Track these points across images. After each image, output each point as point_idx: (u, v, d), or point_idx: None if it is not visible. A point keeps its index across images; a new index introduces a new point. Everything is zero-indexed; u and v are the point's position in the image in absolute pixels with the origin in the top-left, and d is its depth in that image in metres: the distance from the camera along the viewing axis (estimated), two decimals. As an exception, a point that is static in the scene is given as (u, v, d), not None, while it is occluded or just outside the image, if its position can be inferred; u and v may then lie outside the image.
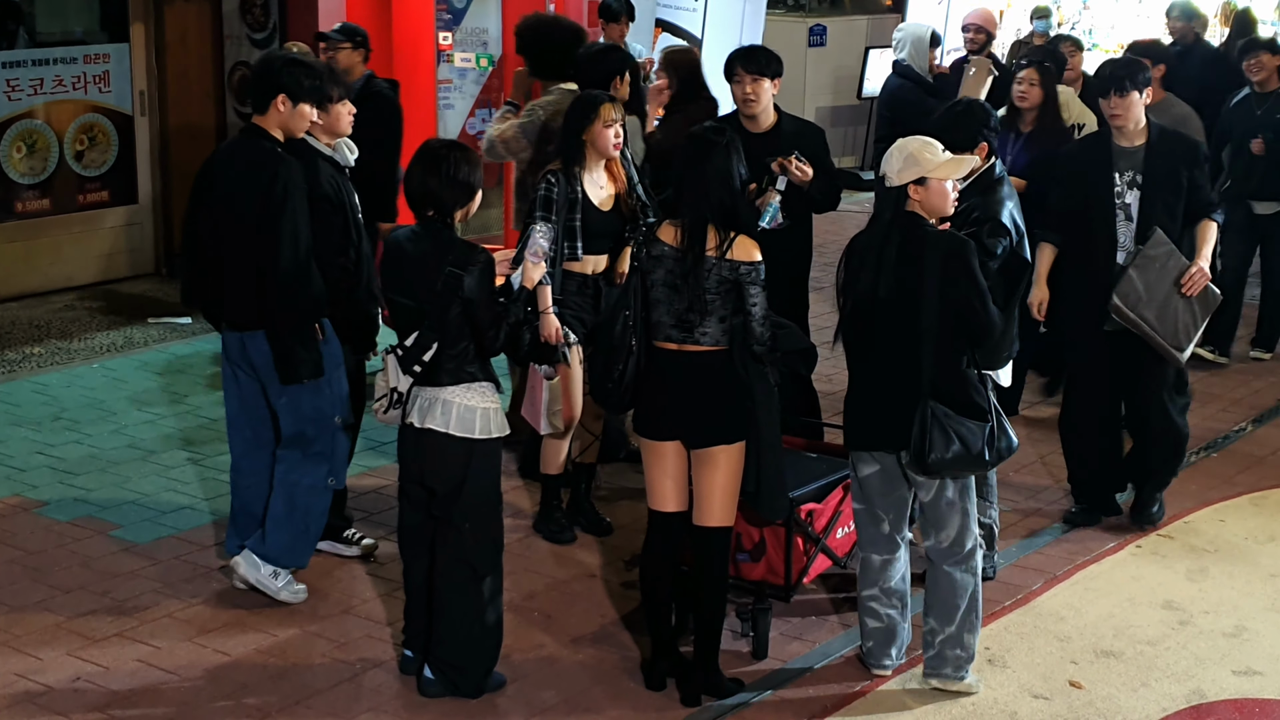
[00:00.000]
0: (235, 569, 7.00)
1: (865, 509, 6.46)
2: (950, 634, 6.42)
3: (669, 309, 6.09)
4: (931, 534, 6.45)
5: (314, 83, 6.81)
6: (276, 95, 6.74)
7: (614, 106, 7.39)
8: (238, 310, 6.86)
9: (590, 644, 6.82)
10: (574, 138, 7.37)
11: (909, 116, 10.73)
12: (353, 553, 7.46)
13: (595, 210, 7.43)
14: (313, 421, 6.87)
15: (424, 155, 6.14)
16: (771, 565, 6.72)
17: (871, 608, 6.51)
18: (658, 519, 6.32)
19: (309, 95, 6.79)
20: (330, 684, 6.43)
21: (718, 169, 6.05)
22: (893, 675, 6.57)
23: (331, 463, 6.97)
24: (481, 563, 6.19)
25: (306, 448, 6.90)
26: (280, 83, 6.75)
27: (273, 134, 6.77)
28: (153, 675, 6.44)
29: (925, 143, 6.24)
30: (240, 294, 6.80)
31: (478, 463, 6.11)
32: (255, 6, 12.23)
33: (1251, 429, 9.87)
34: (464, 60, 13.36)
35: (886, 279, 6.12)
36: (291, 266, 6.61)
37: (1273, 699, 6.57)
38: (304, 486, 6.92)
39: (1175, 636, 7.06)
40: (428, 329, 6.02)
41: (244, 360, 6.89)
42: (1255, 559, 7.91)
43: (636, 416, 6.31)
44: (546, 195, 7.31)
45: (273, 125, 6.78)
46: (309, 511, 6.96)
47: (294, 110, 6.76)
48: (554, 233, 7.25)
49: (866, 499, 6.44)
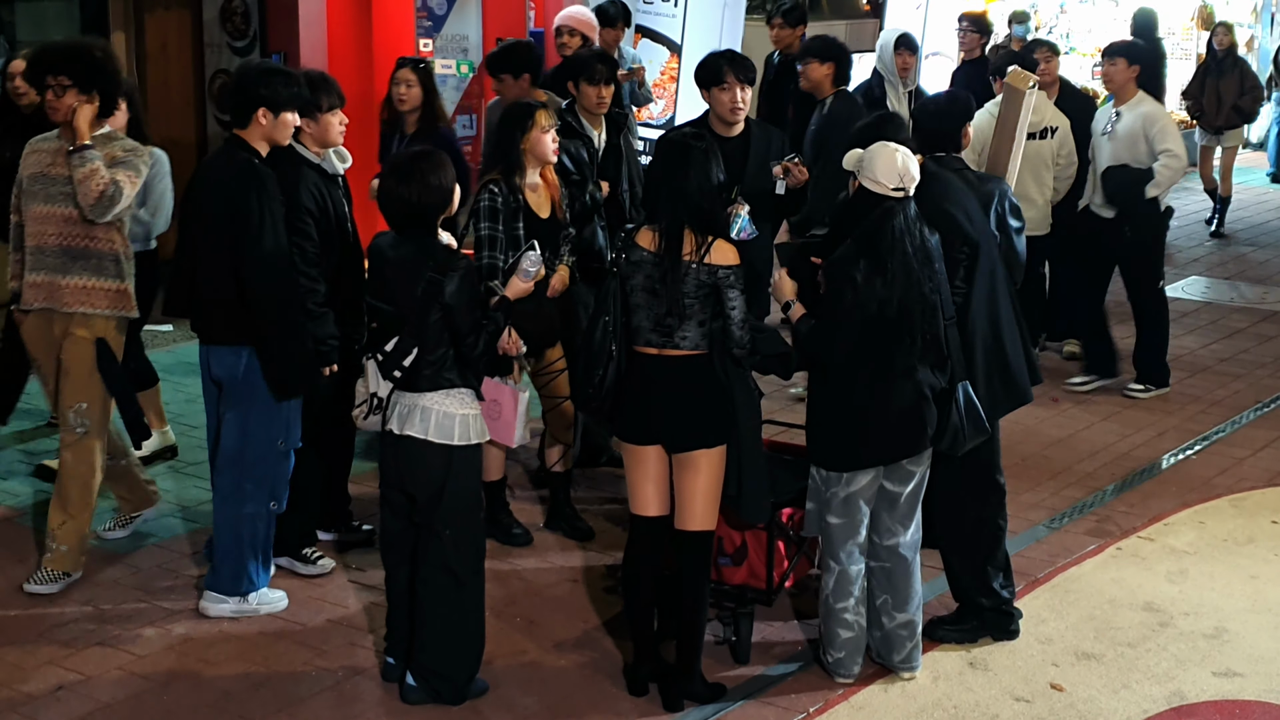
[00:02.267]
0: (205, 613, 7.00)
1: (845, 522, 6.44)
2: (919, 620, 6.57)
3: (648, 313, 6.10)
4: (899, 529, 6.50)
5: (293, 90, 6.80)
6: (257, 108, 6.72)
7: (548, 113, 7.42)
8: (204, 323, 6.88)
9: (572, 649, 6.83)
10: (512, 145, 7.38)
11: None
12: (310, 571, 7.42)
13: (536, 218, 7.40)
14: (256, 442, 6.82)
15: (393, 168, 6.16)
16: (753, 569, 6.73)
17: (845, 619, 6.51)
18: (640, 523, 6.33)
19: (289, 104, 6.77)
20: (313, 692, 6.42)
21: (695, 174, 6.06)
22: (874, 679, 6.58)
23: (273, 486, 6.93)
24: (463, 569, 6.20)
25: (244, 472, 6.85)
26: (259, 95, 6.72)
27: (255, 146, 6.75)
28: (134, 684, 6.43)
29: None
30: (207, 307, 6.81)
31: (457, 469, 6.12)
32: (236, 15, 12.23)
33: (1230, 431, 9.90)
34: (444, 67, 13.35)
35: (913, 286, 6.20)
36: (269, 282, 6.59)
37: (1253, 700, 6.59)
38: (246, 515, 6.90)
39: (1156, 638, 7.08)
40: (407, 335, 6.03)
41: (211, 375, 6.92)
42: (1235, 560, 7.94)
43: (618, 421, 6.32)
44: (491, 205, 7.28)
45: (256, 138, 6.76)
46: (254, 538, 6.93)
47: (276, 121, 6.74)
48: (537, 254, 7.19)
49: (849, 512, 6.43)
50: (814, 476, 6.50)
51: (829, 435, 6.38)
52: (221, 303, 6.71)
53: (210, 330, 6.85)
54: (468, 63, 13.34)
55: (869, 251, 6.14)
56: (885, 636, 6.62)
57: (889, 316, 6.13)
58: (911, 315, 6.17)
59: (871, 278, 6.10)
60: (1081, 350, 10.99)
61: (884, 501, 6.48)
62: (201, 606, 7.02)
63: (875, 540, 6.53)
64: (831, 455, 6.40)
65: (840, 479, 6.39)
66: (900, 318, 6.14)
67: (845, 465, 6.37)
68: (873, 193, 6.21)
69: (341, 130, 7.14)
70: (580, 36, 10.29)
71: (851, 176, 6.34)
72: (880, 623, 6.61)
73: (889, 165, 6.18)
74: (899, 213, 6.18)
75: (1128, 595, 7.50)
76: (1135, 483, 8.96)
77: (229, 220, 6.60)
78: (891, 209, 6.18)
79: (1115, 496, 8.73)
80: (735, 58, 7.99)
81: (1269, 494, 8.85)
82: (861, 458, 6.35)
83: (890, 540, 6.53)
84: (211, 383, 6.94)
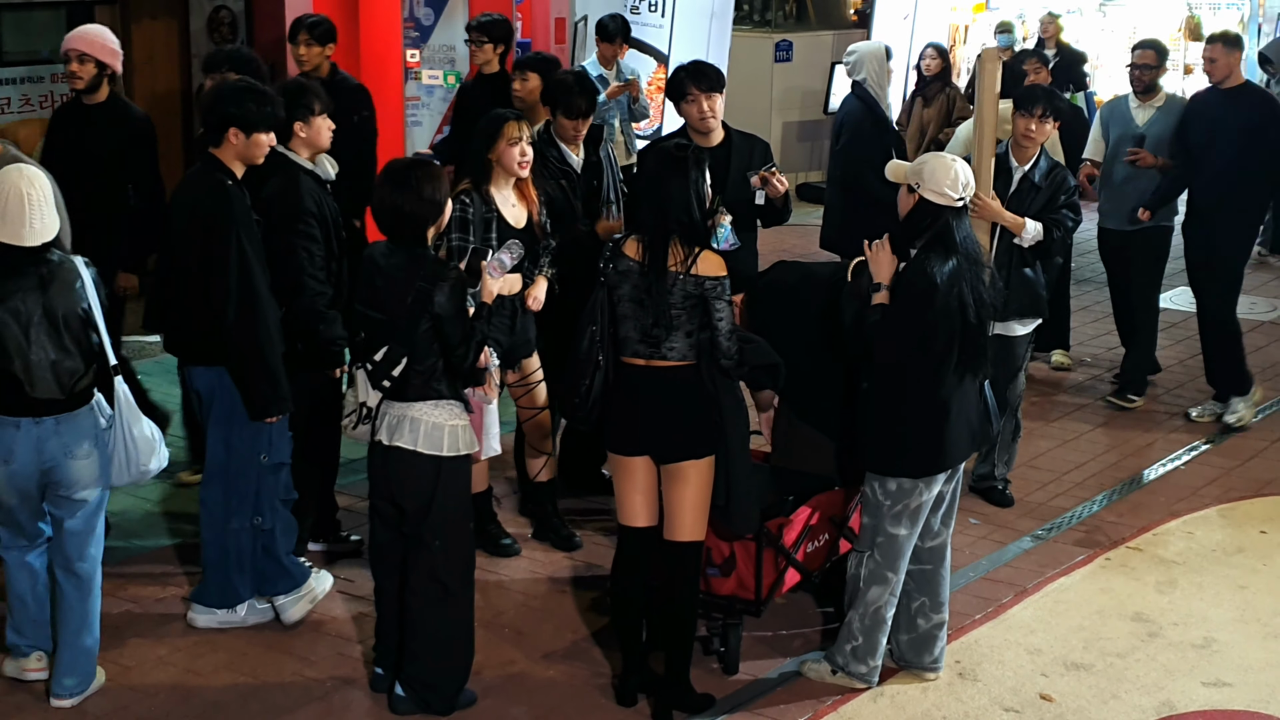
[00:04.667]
0: (193, 624, 6.98)
1: (912, 532, 6.45)
2: (947, 619, 6.70)
3: (635, 324, 6.09)
4: (943, 529, 6.60)
5: (266, 110, 6.69)
6: (229, 127, 6.65)
7: (519, 125, 7.35)
8: (180, 342, 6.87)
9: (561, 660, 6.82)
10: (480, 157, 7.36)
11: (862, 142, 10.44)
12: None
13: (511, 229, 7.36)
14: (239, 457, 6.80)
15: (389, 176, 6.15)
16: (742, 580, 6.72)
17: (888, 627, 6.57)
18: (628, 534, 6.32)
19: (262, 124, 6.68)
20: (301, 703, 6.41)
21: (682, 185, 6.05)
22: (864, 689, 6.58)
23: (257, 502, 6.91)
24: (452, 580, 6.19)
25: (229, 486, 6.84)
26: (229, 115, 6.64)
27: (229, 166, 6.68)
28: (123, 695, 6.41)
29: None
30: (184, 326, 6.79)
31: (446, 480, 6.11)
32: (223, 25, 12.22)
33: (1219, 441, 9.91)
34: (431, 78, 13.36)
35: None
36: (238, 304, 6.51)
37: (1241, 710, 6.59)
38: (232, 530, 6.87)
39: (1145, 648, 7.08)
40: (397, 344, 6.03)
41: (192, 389, 6.91)
42: (1224, 571, 7.94)
43: (606, 432, 6.31)
44: (462, 215, 7.23)
45: (230, 157, 6.68)
46: (240, 552, 6.91)
47: (249, 141, 6.66)
48: (519, 252, 7.16)
49: (917, 521, 6.44)
50: (876, 490, 6.43)
51: (907, 442, 6.35)
52: (196, 323, 6.67)
53: (186, 350, 6.86)
54: (455, 73, 13.33)
55: (945, 257, 6.20)
56: (918, 638, 6.65)
57: (970, 321, 6.19)
58: (985, 321, 6.26)
59: (953, 282, 6.16)
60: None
61: (935, 503, 6.51)
62: (189, 618, 7.00)
63: (919, 544, 6.55)
64: (914, 462, 6.36)
65: (917, 487, 6.37)
66: (979, 323, 6.23)
67: (930, 469, 6.36)
68: (934, 204, 6.25)
69: (329, 135, 7.14)
70: (94, 63, 8.24)
71: (905, 189, 6.34)
72: (914, 625, 6.63)
73: (952, 176, 6.24)
74: (960, 222, 6.26)
75: (1117, 605, 7.50)
76: (1124, 493, 8.97)
77: (200, 243, 6.55)
78: (952, 219, 6.25)
79: (1104, 506, 8.73)
80: (696, 69, 7.88)
81: (1257, 504, 8.86)
82: (946, 459, 6.38)
83: (935, 541, 6.58)
84: (194, 396, 6.93)
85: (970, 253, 6.26)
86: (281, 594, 7.00)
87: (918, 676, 6.69)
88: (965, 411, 6.39)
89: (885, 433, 6.37)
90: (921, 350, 6.21)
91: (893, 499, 6.38)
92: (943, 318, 6.17)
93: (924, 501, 6.40)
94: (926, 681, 6.67)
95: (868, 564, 6.49)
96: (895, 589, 6.51)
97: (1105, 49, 20.06)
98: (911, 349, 6.21)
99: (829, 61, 17.22)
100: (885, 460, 6.39)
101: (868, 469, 6.46)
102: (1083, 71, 16.21)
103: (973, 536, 8.18)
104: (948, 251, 6.21)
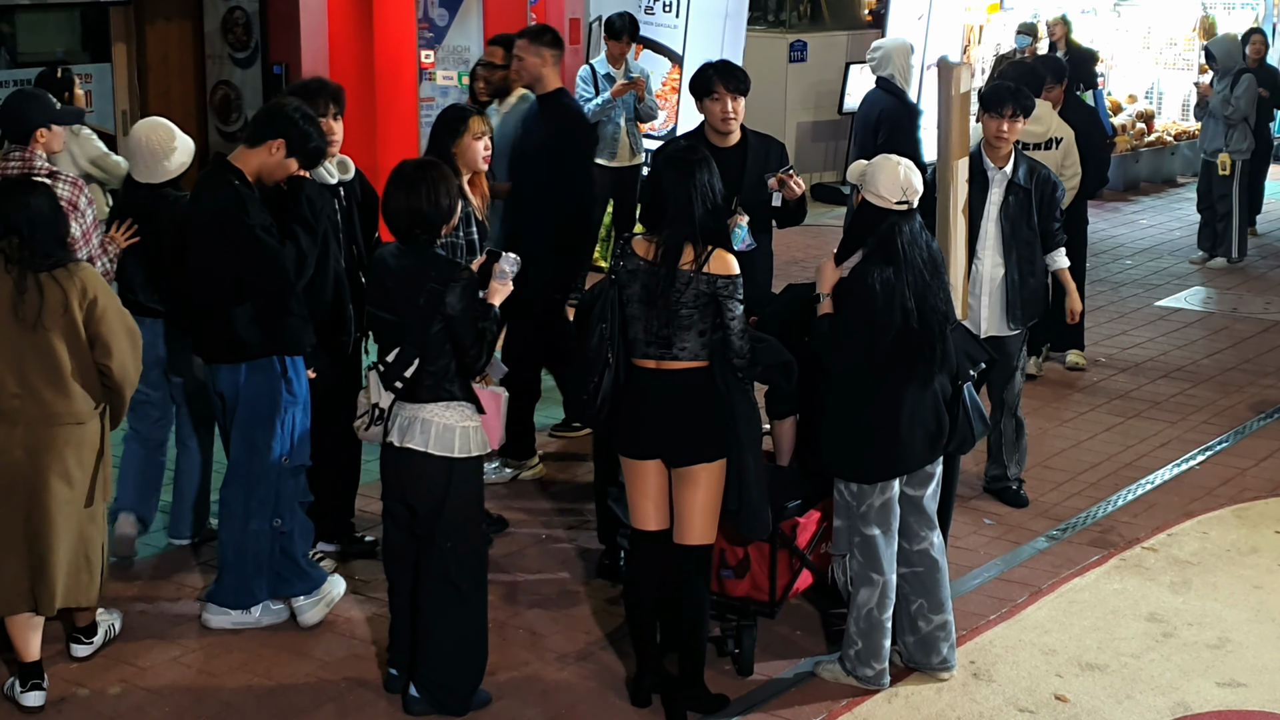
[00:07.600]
0: (207, 625, 7.00)
1: (885, 531, 6.47)
2: (952, 620, 6.68)
3: (645, 325, 6.08)
4: (927, 532, 6.58)
5: (316, 145, 6.76)
6: (276, 138, 6.67)
7: (482, 120, 7.48)
8: (205, 342, 6.89)
9: (575, 661, 6.82)
10: (443, 151, 7.37)
11: (898, 135, 10.53)
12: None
13: (479, 224, 7.43)
14: (261, 459, 6.82)
15: (400, 177, 6.15)
16: (756, 581, 6.72)
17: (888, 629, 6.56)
18: (640, 538, 6.32)
19: (303, 154, 6.72)
20: (316, 704, 6.42)
21: (698, 187, 6.04)
22: (876, 691, 6.58)
23: (277, 504, 6.93)
24: (465, 581, 6.19)
25: (250, 488, 6.86)
26: (283, 130, 6.67)
27: (243, 169, 6.69)
28: (137, 696, 6.42)
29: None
30: (207, 326, 6.81)
31: (458, 481, 6.12)
32: (237, 26, 12.24)
33: (1233, 441, 9.89)
34: (445, 78, 13.38)
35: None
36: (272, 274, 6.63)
37: (1256, 711, 6.58)
38: (251, 532, 6.89)
39: (1159, 649, 7.07)
40: (409, 345, 6.03)
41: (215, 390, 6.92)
42: (1239, 571, 7.92)
43: (617, 436, 6.31)
44: (465, 211, 7.25)
45: (252, 161, 6.70)
46: (258, 554, 6.93)
47: (283, 161, 6.69)
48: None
49: (887, 519, 6.46)
50: (841, 493, 6.50)
51: (858, 447, 6.39)
52: (216, 322, 6.71)
53: (209, 349, 6.87)
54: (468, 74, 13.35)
55: (884, 264, 6.19)
56: (921, 640, 6.65)
57: (913, 327, 6.19)
58: (931, 326, 6.23)
59: (892, 289, 6.14)
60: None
61: (909, 507, 6.52)
62: (204, 619, 7.01)
63: (906, 546, 6.56)
64: (865, 467, 6.41)
65: (875, 489, 6.41)
66: (922, 328, 6.21)
67: (881, 475, 6.40)
68: (877, 207, 6.23)
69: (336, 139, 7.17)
70: None
71: (855, 190, 6.37)
72: (916, 627, 6.64)
73: (891, 179, 6.21)
74: (904, 226, 6.22)
75: (1131, 606, 7.49)
76: (1138, 493, 8.95)
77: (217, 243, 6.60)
78: (896, 223, 6.21)
79: (1118, 507, 8.72)
80: (726, 68, 7.87)
81: (1272, 504, 8.83)
82: (896, 465, 6.40)
83: (920, 545, 6.57)
84: (217, 398, 6.94)
85: (916, 257, 6.25)
86: (298, 596, 7.01)
87: (932, 677, 6.69)
88: (920, 416, 6.38)
89: (840, 438, 6.45)
90: (866, 358, 6.24)
91: (857, 500, 6.44)
92: (883, 325, 6.19)
93: (887, 499, 6.42)
94: (941, 682, 6.67)
95: (852, 566, 6.53)
96: (887, 591, 6.49)
97: (1120, 49, 20.05)
98: (858, 357, 6.26)
99: (843, 62, 17.22)
100: (842, 464, 6.48)
101: (829, 473, 6.57)
102: (1093, 70, 16.17)
103: (987, 537, 8.17)
104: (888, 258, 6.21)
